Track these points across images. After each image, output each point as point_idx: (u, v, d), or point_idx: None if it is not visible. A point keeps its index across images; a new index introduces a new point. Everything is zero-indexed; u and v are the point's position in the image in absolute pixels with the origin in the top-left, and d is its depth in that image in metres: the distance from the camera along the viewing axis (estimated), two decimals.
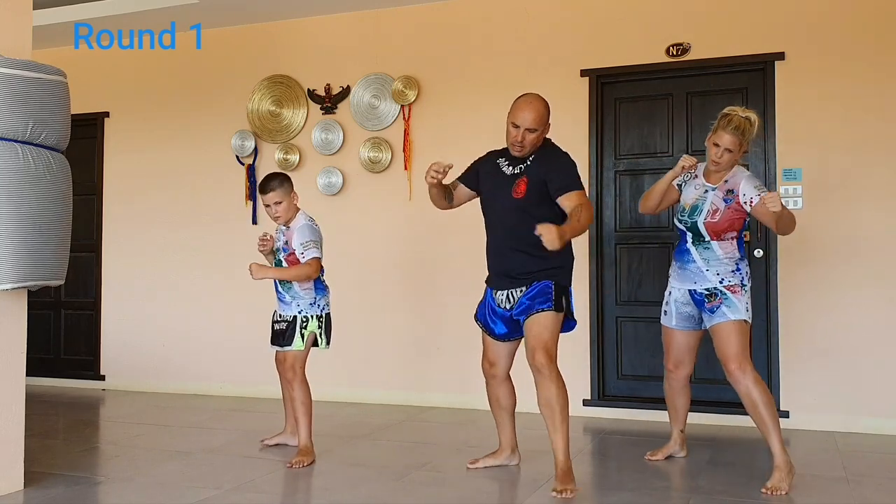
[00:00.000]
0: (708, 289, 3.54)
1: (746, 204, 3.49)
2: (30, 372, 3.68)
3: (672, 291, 3.73)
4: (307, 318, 3.91)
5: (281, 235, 3.98)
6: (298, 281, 3.88)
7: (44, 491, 3.37)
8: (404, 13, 5.58)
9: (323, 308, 3.97)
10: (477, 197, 3.68)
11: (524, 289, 3.40)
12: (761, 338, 4.78)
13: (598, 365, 5.13)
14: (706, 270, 3.55)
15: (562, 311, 3.40)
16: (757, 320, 4.64)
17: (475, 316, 3.67)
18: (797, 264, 4.72)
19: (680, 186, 3.72)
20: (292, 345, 3.89)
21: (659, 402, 4.66)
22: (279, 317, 4.00)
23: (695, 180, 3.64)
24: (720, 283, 3.52)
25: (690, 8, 5.00)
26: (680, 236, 3.70)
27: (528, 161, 3.44)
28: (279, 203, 3.88)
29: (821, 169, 4.71)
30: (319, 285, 3.96)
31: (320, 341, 3.96)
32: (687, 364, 3.81)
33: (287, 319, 3.94)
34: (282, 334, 3.96)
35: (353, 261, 5.55)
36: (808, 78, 4.74)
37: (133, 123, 6.33)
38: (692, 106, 5.04)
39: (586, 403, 5.08)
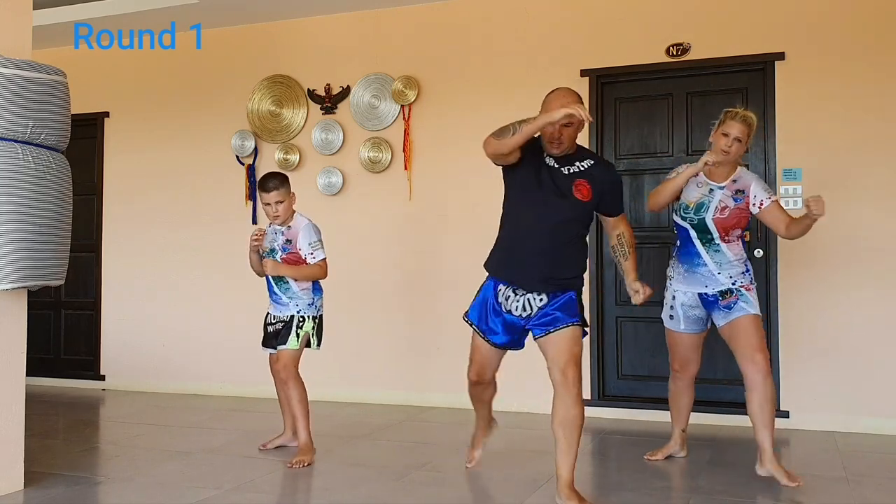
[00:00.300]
0: (720, 290, 3.54)
1: (755, 206, 3.51)
2: (30, 372, 3.67)
3: (677, 295, 3.68)
4: (304, 319, 3.90)
5: (279, 236, 3.96)
6: (308, 280, 3.88)
7: (44, 491, 3.37)
8: (404, 13, 5.58)
9: (318, 309, 3.97)
10: (512, 162, 3.16)
11: (545, 297, 3.14)
12: None
13: (598, 365, 5.12)
14: (718, 274, 3.54)
15: (585, 326, 3.22)
16: None
17: (466, 316, 3.35)
18: (797, 264, 4.72)
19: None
20: (287, 343, 3.87)
21: (659, 402, 4.67)
22: (273, 318, 3.98)
23: (695, 178, 3.64)
24: (733, 285, 3.53)
25: (690, 8, 5.01)
26: (680, 236, 3.67)
27: (584, 164, 3.18)
28: (280, 202, 3.87)
29: (821, 169, 4.70)
30: (316, 286, 3.96)
31: (313, 342, 3.95)
32: (694, 363, 3.80)
33: (283, 320, 3.93)
34: (276, 335, 3.94)
35: (353, 261, 5.55)
36: (808, 78, 4.74)
37: (133, 123, 6.34)
38: (692, 106, 5.05)
39: (586, 403, 5.00)
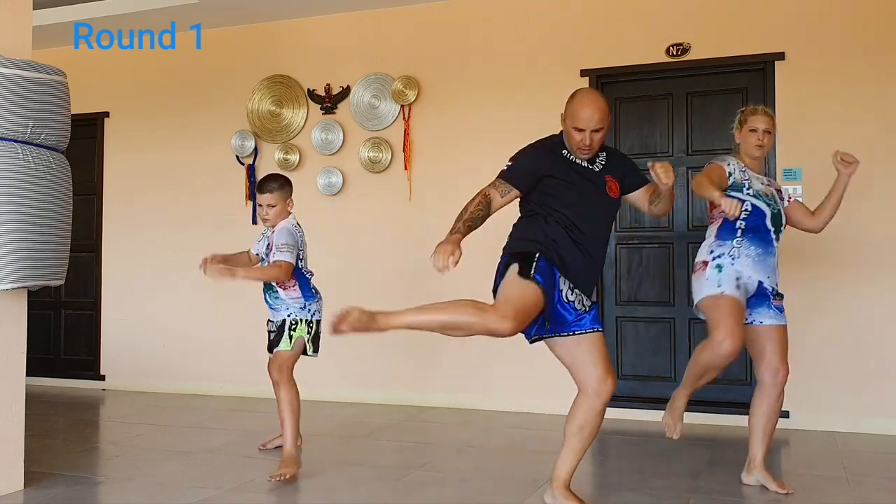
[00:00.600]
0: (775, 287, 3.43)
1: (785, 201, 3.52)
2: (30, 372, 3.67)
3: (741, 276, 3.33)
4: (296, 322, 3.83)
5: (265, 239, 3.92)
6: (264, 281, 3.81)
7: (44, 491, 3.37)
8: (404, 13, 5.58)
9: (314, 314, 3.88)
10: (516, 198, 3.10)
11: (587, 299, 3.01)
12: None
13: None
14: (777, 269, 3.44)
15: None
16: None
17: (533, 276, 2.84)
18: (797, 264, 4.71)
19: (731, 175, 3.41)
20: (279, 345, 3.82)
21: (659, 402, 4.65)
22: (270, 323, 3.96)
23: (749, 172, 3.44)
24: (776, 286, 3.45)
25: (690, 8, 5.01)
26: (752, 218, 3.36)
27: (603, 159, 3.08)
28: (272, 206, 3.80)
29: (821, 169, 4.68)
30: (308, 292, 3.87)
31: (309, 348, 3.87)
32: (740, 338, 3.26)
33: (278, 324, 3.89)
34: (273, 339, 3.93)
35: (353, 261, 5.55)
36: (808, 78, 4.74)
37: (133, 123, 6.34)
38: (692, 106, 5.05)
39: None
